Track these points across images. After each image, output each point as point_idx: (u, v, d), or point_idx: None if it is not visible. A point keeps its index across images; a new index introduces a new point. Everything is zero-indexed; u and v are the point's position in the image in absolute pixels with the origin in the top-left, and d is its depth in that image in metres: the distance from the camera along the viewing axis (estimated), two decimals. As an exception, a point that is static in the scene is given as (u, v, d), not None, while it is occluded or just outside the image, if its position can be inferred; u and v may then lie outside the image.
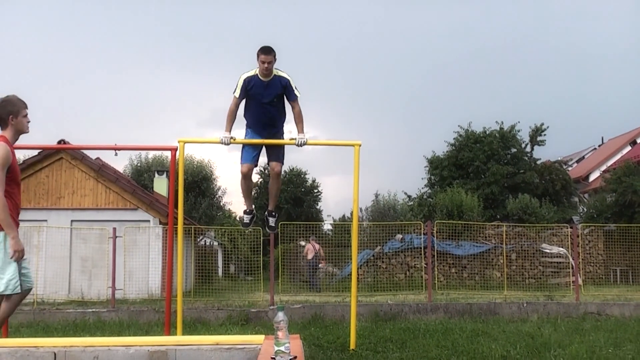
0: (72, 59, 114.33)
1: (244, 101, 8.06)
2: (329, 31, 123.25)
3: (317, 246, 21.29)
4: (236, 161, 8.50)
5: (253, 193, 8.78)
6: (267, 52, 7.71)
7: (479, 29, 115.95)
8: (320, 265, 21.48)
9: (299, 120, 8.05)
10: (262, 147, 8.28)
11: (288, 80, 7.93)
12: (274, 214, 8.89)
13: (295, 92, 7.97)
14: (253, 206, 9.02)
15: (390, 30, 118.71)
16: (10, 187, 6.17)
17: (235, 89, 7.94)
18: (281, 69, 7.98)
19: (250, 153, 8.23)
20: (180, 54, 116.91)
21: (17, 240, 5.99)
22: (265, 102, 7.94)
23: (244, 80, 7.90)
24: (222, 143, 8.04)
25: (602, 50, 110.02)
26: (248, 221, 8.94)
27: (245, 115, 8.27)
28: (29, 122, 6.41)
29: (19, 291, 6.06)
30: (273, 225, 8.97)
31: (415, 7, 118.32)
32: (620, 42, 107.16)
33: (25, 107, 6.39)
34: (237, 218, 42.62)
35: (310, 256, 21.33)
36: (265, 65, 7.71)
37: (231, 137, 8.06)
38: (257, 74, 7.86)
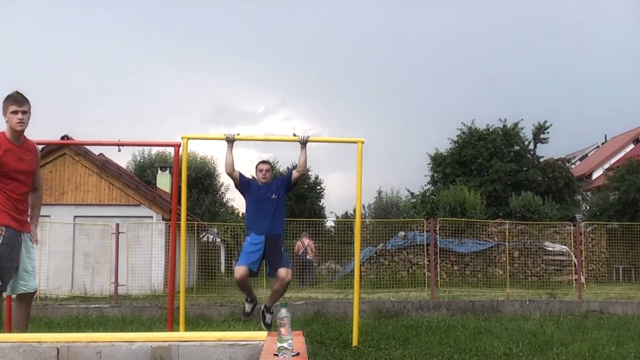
0: (75, 54, 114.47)
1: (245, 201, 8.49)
2: (331, 27, 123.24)
3: (306, 241, 21.30)
4: (239, 157, 8.29)
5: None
6: (264, 162, 8.43)
7: (482, 26, 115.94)
8: (308, 257, 21.47)
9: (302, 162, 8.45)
10: (263, 254, 8.22)
11: (282, 176, 8.62)
12: (271, 311, 8.63)
13: (291, 173, 8.53)
14: (255, 294, 8.80)
15: (393, 27, 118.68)
16: (1, 182, 6.19)
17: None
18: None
19: (250, 257, 8.18)
20: (184, 49, 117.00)
21: None
22: (265, 199, 8.27)
23: (249, 178, 8.60)
24: (226, 140, 8.10)
25: (606, 48, 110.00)
26: (249, 311, 8.80)
27: (246, 220, 8.55)
28: (19, 119, 6.23)
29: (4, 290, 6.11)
30: (269, 322, 8.67)
31: (418, 4, 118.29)
32: (623, 40, 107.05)
33: (15, 103, 6.24)
34: (240, 214, 42.63)
35: (300, 252, 21.36)
36: (263, 173, 8.34)
37: (236, 134, 8.13)
38: (256, 180, 8.48)
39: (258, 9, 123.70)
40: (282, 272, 8.04)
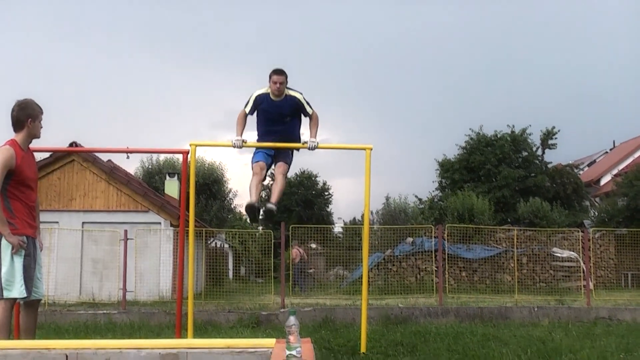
0: (83, 60, 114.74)
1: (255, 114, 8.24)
2: (339, 32, 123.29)
3: (301, 251, 21.48)
4: (247, 162, 8.21)
5: (262, 194, 8.48)
6: (279, 73, 7.94)
7: (490, 32, 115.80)
8: (310, 270, 21.75)
9: (313, 125, 8.19)
10: (273, 152, 8.29)
11: (299, 100, 8.09)
12: (274, 203, 8.18)
13: (308, 108, 8.14)
14: (258, 200, 8.26)
15: (402, 33, 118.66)
16: (17, 190, 6.25)
17: (247, 103, 8.12)
18: (293, 87, 8.15)
19: (262, 154, 8.24)
20: (194, 54, 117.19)
21: (9, 234, 6.11)
22: (276, 119, 8.10)
23: (256, 97, 8.09)
24: (233, 146, 8.06)
25: (614, 54, 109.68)
26: (253, 208, 8.09)
27: (257, 129, 8.39)
28: (42, 127, 6.54)
29: (25, 295, 6.13)
30: (272, 208, 8.08)
31: (427, 10, 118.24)
32: (632, 46, 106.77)
33: (42, 112, 6.54)
34: (248, 221, 42.66)
35: (297, 260, 21.54)
36: (277, 85, 7.91)
37: (243, 140, 8.09)
38: (269, 93, 8.03)
39: (267, 14, 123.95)
40: (278, 163, 8.30)
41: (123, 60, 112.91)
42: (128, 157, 11.13)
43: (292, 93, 8.08)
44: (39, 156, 20.69)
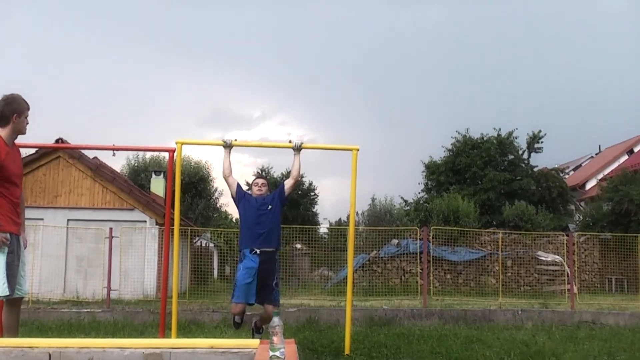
0: (71, 56, 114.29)
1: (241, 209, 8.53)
2: (328, 34, 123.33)
3: None
4: (233, 162, 8.17)
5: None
6: (260, 177, 8.84)
7: (477, 35, 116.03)
8: None
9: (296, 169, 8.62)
10: (257, 282, 8.12)
11: (276, 190, 8.70)
12: (261, 330, 8.60)
13: (284, 181, 8.81)
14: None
15: (389, 34, 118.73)
16: (2, 186, 6.19)
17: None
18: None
19: (245, 290, 8.12)
20: (180, 52, 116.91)
21: None
22: (259, 209, 8.32)
23: (245, 190, 8.64)
24: (223, 146, 8.14)
25: (601, 59, 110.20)
26: (239, 321, 8.56)
27: (240, 236, 8.53)
28: (27, 123, 6.44)
29: (7, 293, 6.07)
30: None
31: (413, 11, 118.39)
32: (618, 51, 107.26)
33: (29, 108, 6.44)
34: (234, 220, 42.56)
35: None
36: (259, 186, 8.52)
37: (233, 140, 8.19)
38: (251, 194, 8.55)
39: (255, 13, 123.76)
40: (269, 309, 8.11)
41: (111, 57, 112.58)
42: (114, 155, 10.91)
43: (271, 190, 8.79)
44: (24, 152, 20.65)
